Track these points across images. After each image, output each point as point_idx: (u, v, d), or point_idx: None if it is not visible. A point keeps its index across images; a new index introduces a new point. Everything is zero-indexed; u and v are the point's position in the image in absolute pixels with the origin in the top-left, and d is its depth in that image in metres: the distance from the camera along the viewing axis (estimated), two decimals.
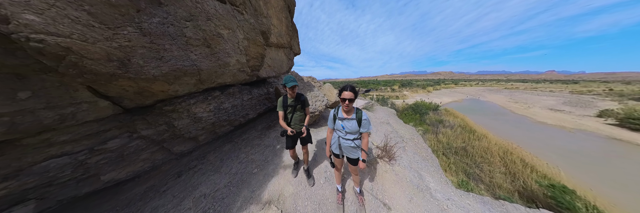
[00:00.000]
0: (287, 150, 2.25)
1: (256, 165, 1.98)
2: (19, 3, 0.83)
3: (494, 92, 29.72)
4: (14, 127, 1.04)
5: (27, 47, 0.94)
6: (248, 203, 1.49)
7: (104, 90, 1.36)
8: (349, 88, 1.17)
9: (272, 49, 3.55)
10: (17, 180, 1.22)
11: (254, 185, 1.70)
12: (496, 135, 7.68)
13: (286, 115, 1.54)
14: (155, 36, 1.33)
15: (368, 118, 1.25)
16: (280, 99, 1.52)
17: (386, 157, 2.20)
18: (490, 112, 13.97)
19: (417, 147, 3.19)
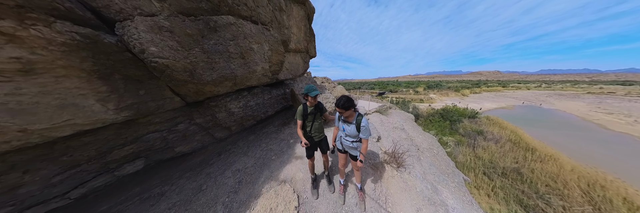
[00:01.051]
0: (300, 146, 2.40)
1: (274, 154, 2.38)
2: (149, 41, 1.42)
3: (567, 97, 22.20)
4: (137, 111, 1.72)
5: (148, 65, 1.55)
6: (269, 179, 1.89)
7: (177, 90, 1.99)
8: (340, 104, 1.21)
9: (290, 54, 4.00)
10: (135, 144, 2.01)
11: (273, 168, 2.09)
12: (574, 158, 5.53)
13: (305, 124, 1.49)
14: (210, 53, 1.86)
15: (367, 124, 1.26)
16: (300, 107, 1.47)
17: (394, 163, 2.10)
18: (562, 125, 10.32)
19: (435, 159, 2.89)
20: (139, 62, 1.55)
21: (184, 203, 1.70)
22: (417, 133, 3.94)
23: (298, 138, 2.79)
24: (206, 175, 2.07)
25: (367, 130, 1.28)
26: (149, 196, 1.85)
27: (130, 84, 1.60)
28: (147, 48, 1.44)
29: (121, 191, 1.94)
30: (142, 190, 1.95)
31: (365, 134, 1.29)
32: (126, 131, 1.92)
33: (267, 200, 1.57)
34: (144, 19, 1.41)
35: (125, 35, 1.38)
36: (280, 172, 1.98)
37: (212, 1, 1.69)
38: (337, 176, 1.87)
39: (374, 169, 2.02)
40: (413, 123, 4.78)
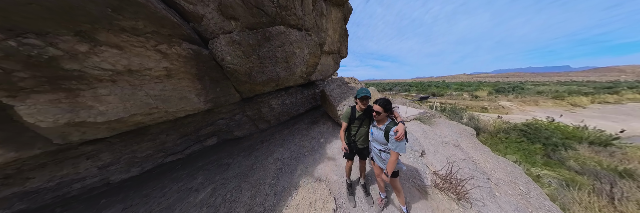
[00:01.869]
0: (331, 147, 2.51)
1: (306, 150, 2.56)
2: (226, 52, 1.87)
3: None
4: (215, 103, 2.33)
5: (224, 69, 2.05)
6: (304, 174, 2.03)
7: (238, 88, 2.52)
8: (381, 102, 1.16)
9: (323, 56, 4.14)
10: (211, 126, 2.80)
11: (307, 163, 2.23)
12: None
13: (350, 128, 1.41)
14: (262, 59, 2.22)
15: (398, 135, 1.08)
16: (348, 109, 1.39)
17: (451, 192, 1.68)
18: None
19: (526, 202, 1.95)
20: (219, 67, 2.08)
21: (242, 176, 2.13)
22: (483, 154, 2.97)
23: (329, 137, 2.89)
24: (255, 157, 2.51)
25: (398, 143, 1.10)
26: (220, 164, 2.47)
27: (213, 83, 2.18)
28: (225, 57, 1.91)
29: (205, 156, 2.73)
30: (217, 158, 2.64)
31: (394, 145, 1.11)
32: (207, 117, 2.70)
33: (306, 194, 1.69)
34: (225, 36, 1.87)
35: (214, 49, 1.88)
36: (314, 169, 2.10)
37: (270, 15, 2.00)
38: (374, 186, 1.72)
39: (421, 193, 1.70)
40: (474, 140, 3.62)
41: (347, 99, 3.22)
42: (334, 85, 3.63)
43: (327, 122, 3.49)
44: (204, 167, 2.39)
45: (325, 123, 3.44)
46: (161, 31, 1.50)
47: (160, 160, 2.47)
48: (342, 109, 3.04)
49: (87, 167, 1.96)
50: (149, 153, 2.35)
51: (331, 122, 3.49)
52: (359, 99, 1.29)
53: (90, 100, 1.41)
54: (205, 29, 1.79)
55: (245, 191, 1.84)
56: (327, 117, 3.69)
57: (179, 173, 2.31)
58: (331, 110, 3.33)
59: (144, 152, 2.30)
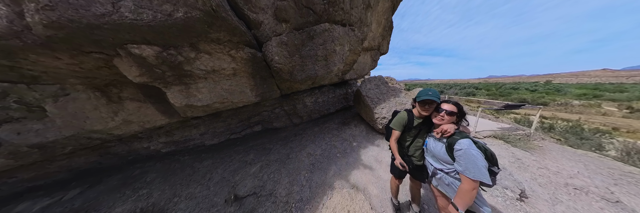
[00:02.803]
0: (367, 153, 2.29)
1: (338, 151, 2.50)
2: (275, 53, 2.08)
3: None
4: (262, 97, 2.72)
5: (272, 69, 2.31)
6: (338, 176, 1.96)
7: (280, 86, 2.79)
8: (454, 102, 0.92)
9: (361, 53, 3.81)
10: (257, 116, 3.35)
11: (340, 166, 2.16)
12: None
13: (404, 138, 1.11)
14: (304, 58, 2.30)
15: (470, 152, 0.75)
16: (403, 115, 1.08)
17: None
18: None
19: None
20: (267, 67, 2.38)
21: (281, 161, 2.35)
22: None
23: (362, 142, 2.70)
24: (290, 148, 2.72)
25: (469, 163, 0.75)
26: (264, 147, 2.85)
27: (261, 80, 2.53)
28: (274, 57, 2.13)
29: (254, 139, 3.29)
30: (262, 142, 3.09)
31: (463, 167, 0.77)
32: (256, 108, 3.29)
33: (342, 199, 1.62)
34: (276, 38, 2.08)
35: (266, 51, 2.15)
36: (348, 174, 2.00)
37: (317, 13, 2.03)
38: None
39: None
40: None
41: (386, 101, 2.78)
42: (371, 85, 3.23)
43: (360, 125, 3.27)
44: (254, 147, 2.91)
45: (357, 126, 3.24)
46: (233, 39, 1.88)
47: (227, 136, 3.30)
48: (381, 112, 2.63)
49: (194, 132, 3.03)
50: (222, 130, 3.20)
51: (364, 125, 3.25)
52: (419, 102, 0.99)
53: (194, 90, 2.01)
54: (261, 34, 2.09)
55: (284, 176, 2.05)
56: (360, 120, 3.47)
57: (238, 148, 2.97)
58: (366, 113, 3.04)
59: (220, 129, 3.17)
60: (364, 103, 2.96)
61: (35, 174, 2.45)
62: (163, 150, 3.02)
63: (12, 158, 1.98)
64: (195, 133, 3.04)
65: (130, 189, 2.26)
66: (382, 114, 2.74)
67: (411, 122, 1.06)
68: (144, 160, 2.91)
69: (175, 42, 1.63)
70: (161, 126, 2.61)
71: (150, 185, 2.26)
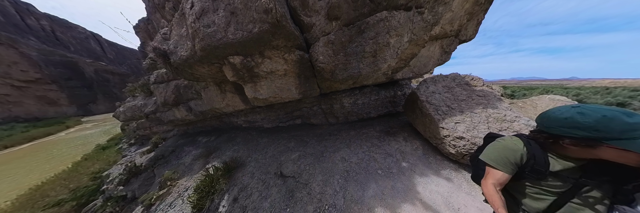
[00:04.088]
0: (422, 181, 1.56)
1: (379, 167, 1.99)
2: (320, 53, 2.02)
3: None
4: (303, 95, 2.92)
5: (315, 68, 2.32)
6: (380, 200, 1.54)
7: (320, 85, 2.80)
8: None
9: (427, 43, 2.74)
10: (298, 111, 3.70)
11: (382, 186, 1.70)
12: None
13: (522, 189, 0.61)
14: (348, 55, 2.05)
15: None
16: (514, 145, 0.61)
17: None
18: None
19: None
20: (311, 67, 2.43)
21: (316, 157, 2.39)
22: None
23: (416, 164, 1.92)
24: (324, 146, 2.69)
25: None
26: (302, 139, 3.06)
27: (305, 80, 2.67)
28: (319, 57, 2.10)
29: (294, 130, 3.70)
30: (300, 134, 3.30)
31: None
32: (298, 104, 3.65)
33: None
34: (323, 38, 2.01)
35: (313, 52, 2.16)
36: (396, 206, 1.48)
37: (374, 1, 1.66)
38: None
39: None
40: None
41: (467, 113, 1.79)
42: (438, 87, 2.27)
43: (413, 140, 2.40)
44: (294, 137, 3.27)
45: (408, 141, 2.41)
46: (287, 44, 2.07)
47: (277, 123, 4.07)
48: (454, 129, 1.73)
49: (257, 117, 4.10)
50: (273, 118, 3.99)
51: (420, 141, 2.31)
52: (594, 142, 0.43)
53: (258, 87, 2.55)
54: (311, 36, 2.11)
55: (317, 172, 2.08)
56: (413, 133, 2.53)
57: (283, 134, 3.51)
58: (425, 125, 2.12)
59: (272, 117, 3.98)
60: (423, 112, 2.07)
61: (201, 125, 4.99)
62: (243, 125, 4.44)
63: (194, 116, 3.96)
64: (258, 118, 4.13)
65: (230, 144, 3.87)
66: (456, 132, 1.70)
67: (543, 164, 0.54)
68: (236, 129, 4.60)
69: (251, 51, 2.08)
70: (242, 110, 3.76)
71: (239, 145, 3.69)
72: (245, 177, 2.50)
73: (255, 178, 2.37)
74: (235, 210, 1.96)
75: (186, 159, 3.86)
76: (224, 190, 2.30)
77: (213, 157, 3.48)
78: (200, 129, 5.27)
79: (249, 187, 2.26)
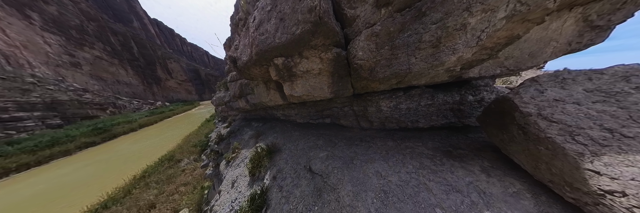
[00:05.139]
0: None
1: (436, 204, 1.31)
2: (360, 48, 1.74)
3: None
4: (335, 94, 2.79)
5: (351, 66, 2.09)
6: None
7: (354, 84, 2.52)
8: None
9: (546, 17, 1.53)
10: (328, 110, 3.63)
11: None
12: None
13: None
14: (396, 48, 1.62)
15: None
16: None
17: None
18: None
19: None
20: (346, 65, 2.20)
21: (345, 163, 2.08)
22: None
23: None
24: (354, 152, 2.32)
25: None
26: (330, 139, 2.92)
27: (338, 79, 2.49)
28: (357, 53, 1.84)
29: (323, 128, 3.64)
30: (328, 133, 3.22)
31: None
32: (328, 103, 3.55)
33: None
34: (366, 31, 1.71)
35: (351, 48, 1.92)
36: None
37: None
38: None
39: None
40: None
41: None
42: (572, 92, 1.23)
43: (506, 178, 1.41)
44: (323, 135, 3.15)
45: (494, 176, 1.44)
46: (325, 42, 1.95)
47: (307, 120, 4.26)
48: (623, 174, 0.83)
49: (292, 112, 4.48)
50: (305, 114, 4.20)
51: (523, 181, 1.33)
52: None
53: (294, 85, 2.72)
54: (352, 31, 1.86)
55: (346, 179, 1.78)
56: (503, 164, 1.54)
57: (312, 131, 3.58)
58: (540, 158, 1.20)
59: (304, 113, 4.20)
60: (533, 133, 1.13)
61: (254, 114, 6.39)
62: (281, 117, 5.11)
63: (250, 107, 5.05)
64: (292, 113, 4.52)
65: (271, 131, 4.58)
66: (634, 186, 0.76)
67: None
68: (276, 120, 5.40)
69: (291, 52, 2.19)
70: (280, 104, 4.27)
71: (277, 133, 4.30)
72: (281, 161, 2.80)
73: (289, 166, 2.54)
74: (274, 187, 2.23)
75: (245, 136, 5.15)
76: (267, 167, 2.76)
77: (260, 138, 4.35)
78: (253, 116, 6.94)
79: (284, 170, 2.48)
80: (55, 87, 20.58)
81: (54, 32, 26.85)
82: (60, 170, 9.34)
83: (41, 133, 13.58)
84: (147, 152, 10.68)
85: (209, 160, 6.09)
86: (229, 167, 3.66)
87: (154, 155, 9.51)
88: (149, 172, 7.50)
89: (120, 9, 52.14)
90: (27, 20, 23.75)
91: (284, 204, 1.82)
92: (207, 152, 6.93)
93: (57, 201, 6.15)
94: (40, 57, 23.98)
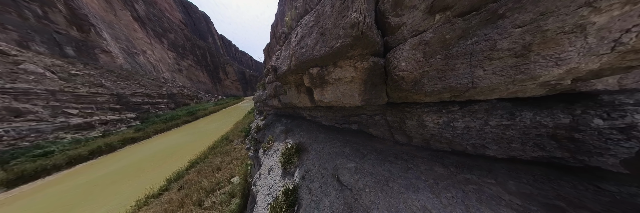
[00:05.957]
0: None
1: None
2: (403, 58, 1.55)
3: None
4: (365, 102, 2.65)
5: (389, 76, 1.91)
6: None
7: (389, 94, 2.28)
8: None
9: None
10: (355, 117, 3.53)
11: None
12: None
13: None
14: (453, 58, 1.33)
15: None
16: None
17: None
18: None
19: None
20: (383, 74, 2.03)
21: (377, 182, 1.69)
22: None
23: None
24: (388, 171, 1.86)
25: None
26: (358, 149, 2.63)
27: (371, 87, 2.35)
28: (399, 64, 1.66)
29: (349, 135, 3.29)
30: (355, 141, 2.90)
31: None
32: (356, 110, 3.40)
33: None
34: (413, 40, 1.50)
35: (392, 57, 1.75)
36: None
37: None
38: None
39: None
40: None
41: None
42: None
43: None
44: (349, 143, 2.86)
45: None
46: (363, 53, 1.89)
47: (333, 123, 4.30)
48: None
49: (318, 114, 4.69)
50: (331, 118, 4.29)
51: None
52: None
53: (324, 92, 2.83)
54: (394, 39, 1.69)
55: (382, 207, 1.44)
56: None
57: (338, 136, 3.30)
58: None
59: (330, 117, 4.29)
60: None
61: (284, 111, 6.97)
62: (307, 117, 5.47)
63: (281, 105, 5.72)
64: (318, 115, 4.73)
65: (298, 129, 4.92)
66: None
67: None
68: (303, 119, 5.78)
69: (327, 63, 2.27)
70: (308, 107, 4.55)
71: (303, 132, 4.52)
72: (308, 162, 2.69)
73: (316, 168, 2.42)
74: (304, 187, 2.16)
75: (276, 130, 5.97)
76: (296, 164, 2.89)
77: (289, 135, 4.89)
78: (283, 113, 7.87)
79: (312, 172, 2.37)
80: (171, 85, 32.30)
81: (171, 50, 41.90)
82: (173, 136, 15.27)
83: (166, 112, 21.97)
84: (215, 130, 15.51)
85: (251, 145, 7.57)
86: (265, 155, 4.39)
87: (218, 133, 13.76)
88: (216, 145, 10.83)
89: (203, 29, 74.23)
90: (162, 44, 38.56)
91: (314, 209, 1.76)
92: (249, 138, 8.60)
93: (175, 155, 10.35)
94: (165, 66, 38.10)
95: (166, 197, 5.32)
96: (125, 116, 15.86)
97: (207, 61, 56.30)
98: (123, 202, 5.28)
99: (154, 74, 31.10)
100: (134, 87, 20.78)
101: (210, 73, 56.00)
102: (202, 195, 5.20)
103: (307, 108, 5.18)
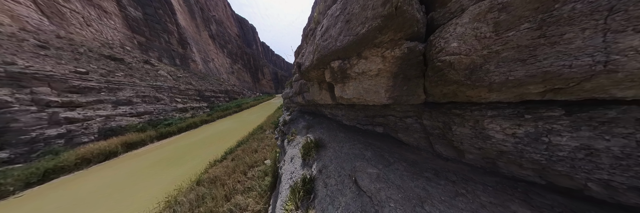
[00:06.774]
0: None
1: None
2: (457, 35, 1.14)
3: None
4: (394, 100, 2.26)
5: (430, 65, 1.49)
6: None
7: (428, 90, 1.78)
8: None
9: None
10: (382, 118, 3.21)
11: None
12: None
13: None
14: (559, 23, 0.81)
15: None
16: None
17: None
18: None
19: None
20: (421, 63, 1.61)
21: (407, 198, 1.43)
22: None
23: None
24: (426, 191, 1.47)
25: None
26: (382, 154, 2.29)
27: (403, 81, 1.94)
28: (448, 45, 1.25)
29: (372, 138, 3.02)
30: (379, 146, 2.63)
31: None
32: (382, 109, 2.96)
33: None
34: (476, 7, 1.07)
35: (438, 38, 1.33)
36: None
37: None
38: None
39: None
40: None
41: None
42: None
43: None
44: (371, 146, 2.59)
45: None
46: (395, 37, 1.57)
47: (355, 123, 3.97)
48: None
49: (339, 112, 4.64)
50: (352, 117, 4.02)
51: None
52: None
53: (345, 87, 2.67)
54: (445, 13, 1.28)
55: None
56: None
57: (359, 138, 3.05)
58: None
59: (351, 116, 4.02)
60: None
61: (307, 108, 7.40)
62: (328, 115, 5.49)
63: (305, 102, 6.11)
64: (339, 113, 4.56)
65: (319, 126, 5.06)
66: None
67: None
68: (324, 116, 5.88)
69: (350, 54, 2.10)
70: (329, 104, 4.52)
71: (323, 129, 4.60)
72: (326, 158, 2.64)
73: (333, 166, 2.35)
74: (320, 180, 2.14)
75: (299, 125, 6.48)
76: (314, 158, 2.95)
77: (310, 130, 5.14)
78: (306, 110, 8.41)
79: (329, 168, 2.32)
80: (227, 83, 43.22)
81: (228, 57, 55.82)
82: (227, 121, 20.56)
83: (223, 104, 29.97)
84: (254, 120, 19.55)
85: (278, 135, 8.77)
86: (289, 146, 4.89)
87: (256, 123, 17.39)
88: (254, 132, 13.60)
89: (249, 38, 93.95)
90: (223, 53, 52.17)
91: (329, 204, 1.72)
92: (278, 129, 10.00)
93: (229, 135, 14.01)
94: (224, 69, 51.27)
95: (224, 163, 7.98)
96: (202, 105, 23.89)
97: (251, 64, 71.98)
98: (203, 160, 8.96)
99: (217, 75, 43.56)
100: (206, 85, 30.29)
101: (252, 74, 71.45)
102: (246, 168, 7.07)
103: (328, 106, 5.17)
